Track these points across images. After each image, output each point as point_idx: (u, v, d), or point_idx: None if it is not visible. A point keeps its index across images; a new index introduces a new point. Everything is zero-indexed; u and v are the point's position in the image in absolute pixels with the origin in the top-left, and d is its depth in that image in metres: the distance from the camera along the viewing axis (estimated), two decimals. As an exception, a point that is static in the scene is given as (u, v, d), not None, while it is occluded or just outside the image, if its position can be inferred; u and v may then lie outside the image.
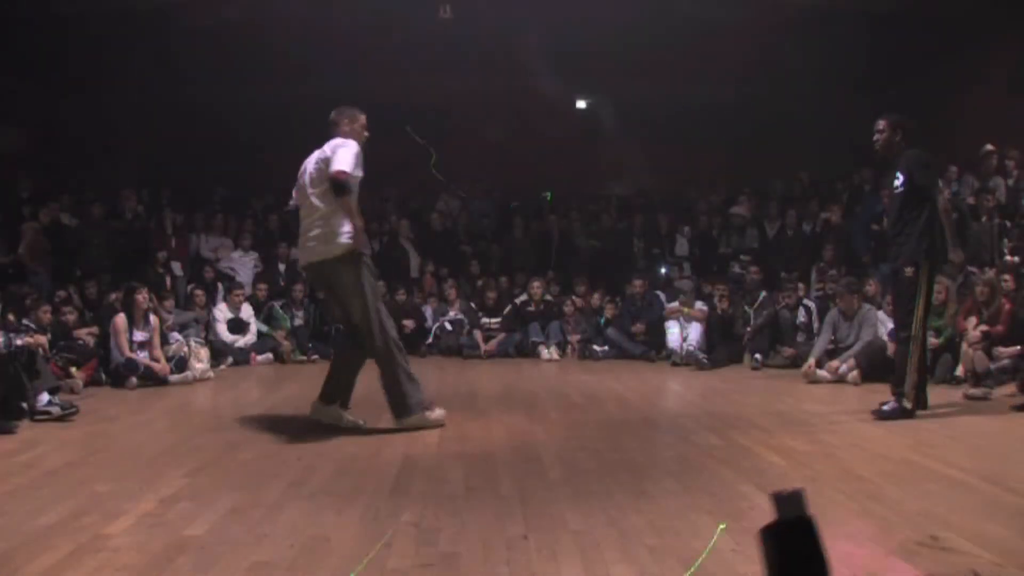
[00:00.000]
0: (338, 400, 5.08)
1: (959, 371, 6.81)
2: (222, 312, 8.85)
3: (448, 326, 9.59)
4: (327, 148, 4.87)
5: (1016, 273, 7.25)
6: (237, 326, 8.84)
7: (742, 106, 12.38)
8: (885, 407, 5.30)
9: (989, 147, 9.23)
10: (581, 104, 13.67)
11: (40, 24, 9.58)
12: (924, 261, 5.25)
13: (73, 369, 6.94)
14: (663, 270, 10.51)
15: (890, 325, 6.76)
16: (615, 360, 8.97)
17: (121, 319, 7.11)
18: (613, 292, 9.85)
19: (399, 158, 12.52)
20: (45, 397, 5.40)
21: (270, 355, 8.87)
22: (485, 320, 9.62)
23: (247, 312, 8.96)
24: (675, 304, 8.98)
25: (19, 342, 5.41)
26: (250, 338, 8.85)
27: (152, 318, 7.34)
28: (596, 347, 9.18)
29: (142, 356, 7.12)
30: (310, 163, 4.99)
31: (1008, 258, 7.85)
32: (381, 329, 4.88)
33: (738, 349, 8.61)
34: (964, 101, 10.58)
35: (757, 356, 8.32)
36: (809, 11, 10.07)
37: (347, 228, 4.79)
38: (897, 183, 5.38)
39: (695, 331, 8.64)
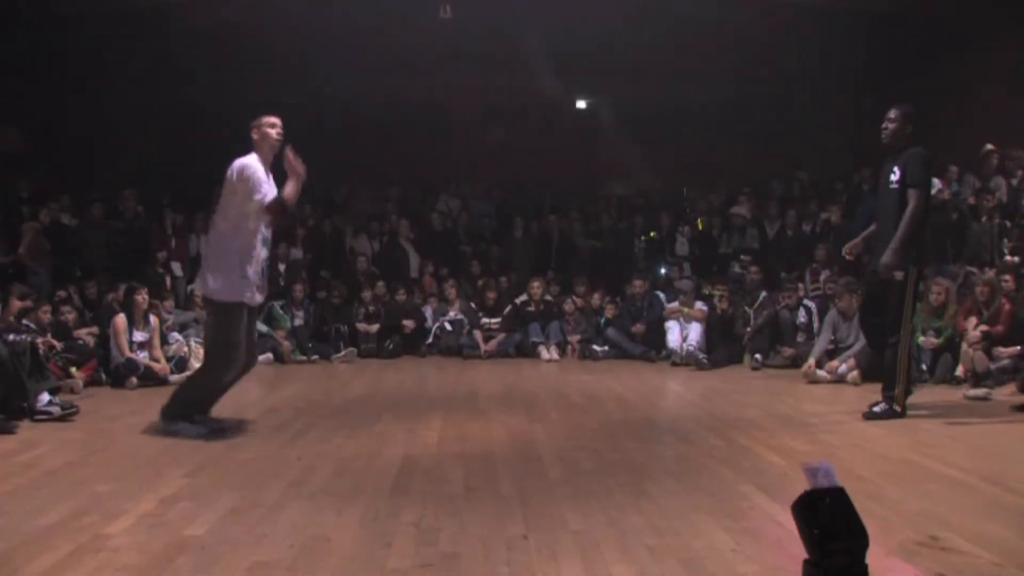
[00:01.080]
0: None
1: (959, 371, 6.81)
2: (222, 312, 8.83)
3: (448, 326, 9.58)
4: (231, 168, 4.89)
5: (1016, 273, 7.25)
6: (237, 326, 8.84)
7: (742, 106, 12.39)
8: (875, 408, 5.30)
9: (989, 147, 9.21)
10: (581, 104, 13.68)
11: (41, 24, 9.58)
12: (913, 267, 5.21)
13: (73, 369, 6.94)
14: (663, 270, 10.50)
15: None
16: (615, 360, 8.96)
17: (121, 319, 7.11)
18: (613, 292, 9.83)
19: (400, 158, 12.61)
20: (45, 397, 5.40)
21: (270, 355, 8.83)
22: (485, 320, 9.61)
23: (247, 312, 8.95)
24: (675, 304, 8.97)
25: (11, 338, 5.40)
26: (250, 338, 8.84)
27: (152, 318, 7.34)
28: (596, 347, 9.16)
29: (142, 356, 7.12)
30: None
31: (1008, 258, 7.84)
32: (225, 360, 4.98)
33: (738, 349, 8.60)
34: (964, 101, 10.56)
35: (757, 356, 8.31)
36: (809, 11, 10.08)
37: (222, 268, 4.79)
38: (893, 178, 5.30)
39: (695, 331, 8.62)
